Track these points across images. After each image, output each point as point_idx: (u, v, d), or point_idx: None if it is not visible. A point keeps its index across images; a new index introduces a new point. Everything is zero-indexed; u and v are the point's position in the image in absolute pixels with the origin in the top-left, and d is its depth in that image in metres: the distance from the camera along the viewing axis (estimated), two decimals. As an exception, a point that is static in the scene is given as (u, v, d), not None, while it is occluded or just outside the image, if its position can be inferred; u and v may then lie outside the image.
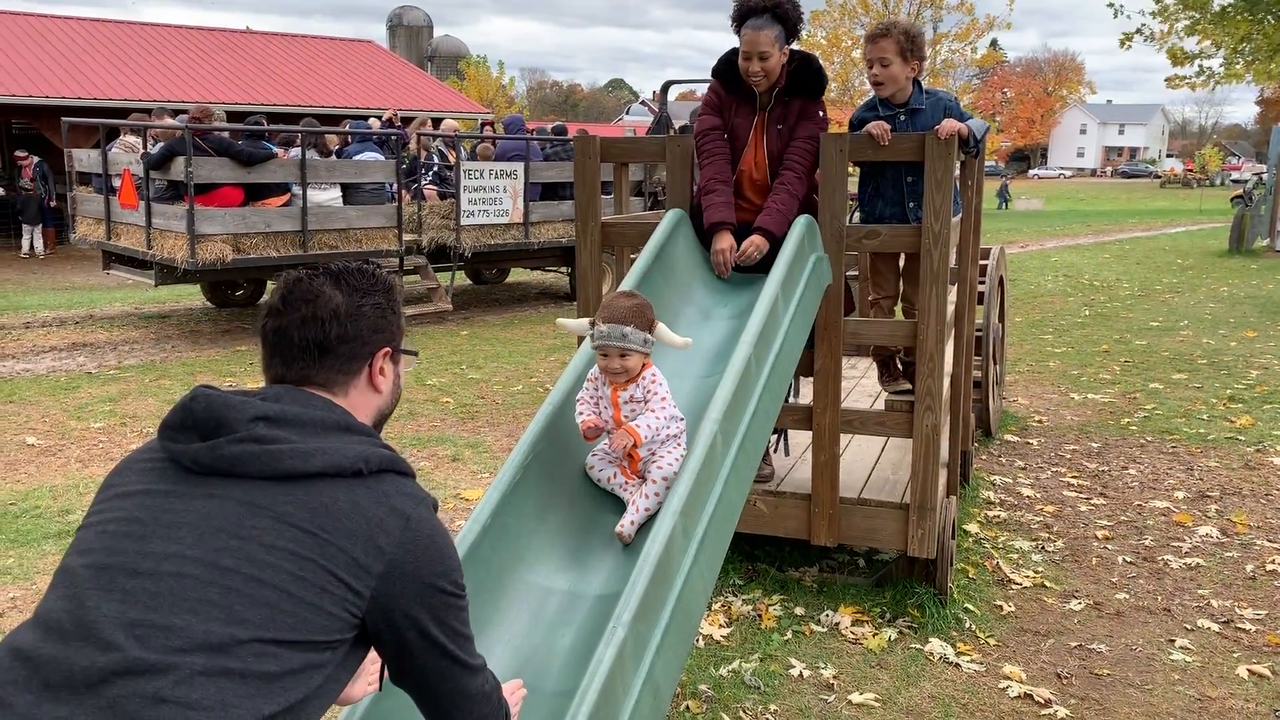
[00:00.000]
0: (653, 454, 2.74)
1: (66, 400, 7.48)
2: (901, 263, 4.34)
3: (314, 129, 10.67)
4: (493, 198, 11.29)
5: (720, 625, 3.94)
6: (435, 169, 11.86)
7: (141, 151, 9.69)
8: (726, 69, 3.82)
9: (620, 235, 4.23)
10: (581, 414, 2.80)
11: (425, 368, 8.82)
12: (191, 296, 12.90)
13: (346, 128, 12.00)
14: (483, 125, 15.05)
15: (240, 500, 1.49)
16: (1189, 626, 4.01)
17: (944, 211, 3.74)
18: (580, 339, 3.07)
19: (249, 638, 1.40)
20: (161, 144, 9.52)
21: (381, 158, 10.88)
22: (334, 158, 10.69)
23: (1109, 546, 4.83)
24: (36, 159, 18.13)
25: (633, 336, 2.66)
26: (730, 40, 3.83)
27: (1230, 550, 4.77)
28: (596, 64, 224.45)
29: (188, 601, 1.41)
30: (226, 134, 9.79)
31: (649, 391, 2.73)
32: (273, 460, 1.51)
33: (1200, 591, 4.32)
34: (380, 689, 1.79)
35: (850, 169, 4.01)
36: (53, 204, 18.22)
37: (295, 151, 10.11)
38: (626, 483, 2.77)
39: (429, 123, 13.81)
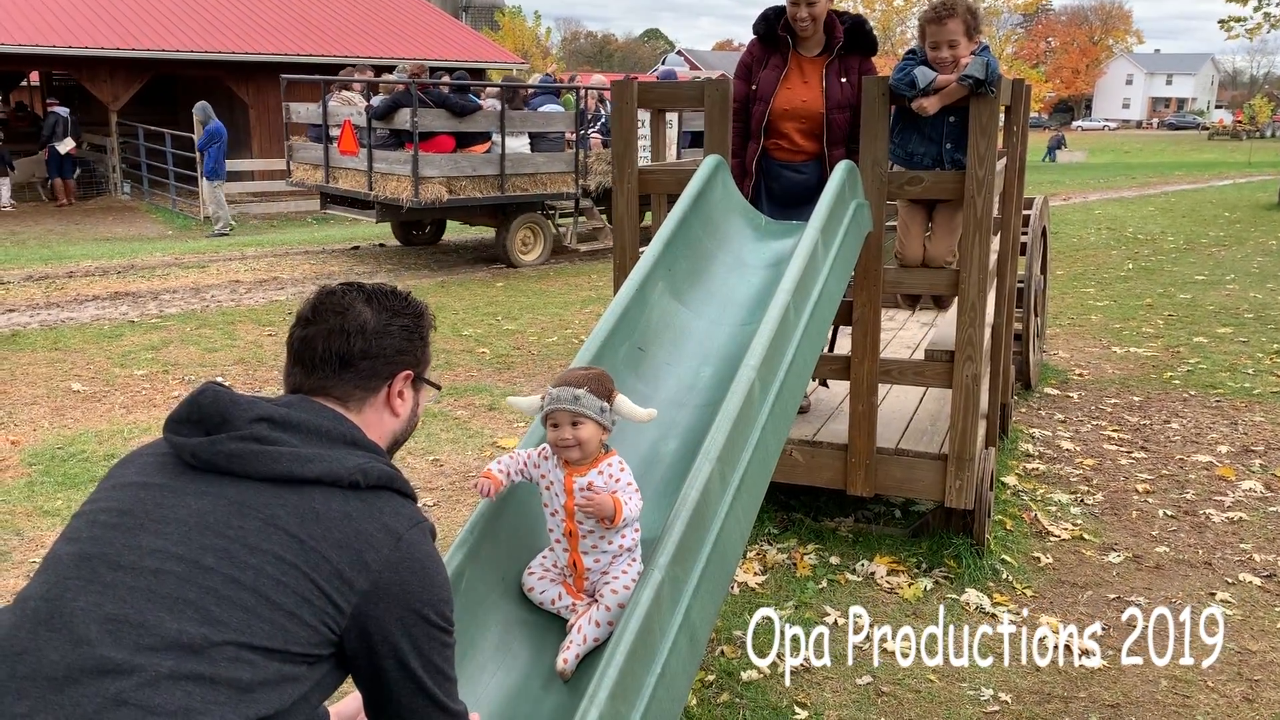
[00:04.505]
0: (605, 573, 2.29)
1: (110, 348, 7.60)
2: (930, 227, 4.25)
3: (513, 83, 12.45)
4: (650, 145, 11.74)
5: (755, 573, 3.96)
6: (603, 120, 12.49)
7: (365, 104, 11.03)
8: (763, 25, 4.25)
9: (657, 182, 4.19)
10: (497, 466, 2.33)
11: (461, 318, 8.85)
12: (230, 248, 13.02)
13: (535, 82, 13.37)
14: (627, 78, 15.58)
15: (232, 499, 1.47)
16: (1230, 580, 3.96)
17: (988, 157, 3.67)
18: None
19: (222, 640, 1.36)
20: (386, 96, 10.80)
21: (561, 109, 11.97)
22: (524, 110, 11.79)
23: (1149, 500, 4.78)
24: (56, 110, 18.05)
25: (586, 401, 2.21)
26: None
27: (1274, 505, 4.71)
28: (630, 13, 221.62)
29: (165, 599, 1.38)
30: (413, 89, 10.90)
31: (613, 479, 2.24)
32: (270, 461, 1.49)
33: (1242, 545, 4.27)
34: None
35: None
36: (75, 152, 18.14)
37: (491, 103, 11.42)
38: (574, 603, 2.30)
39: (577, 77, 15.38)
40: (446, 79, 11.69)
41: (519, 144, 11.40)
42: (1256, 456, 5.36)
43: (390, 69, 12.67)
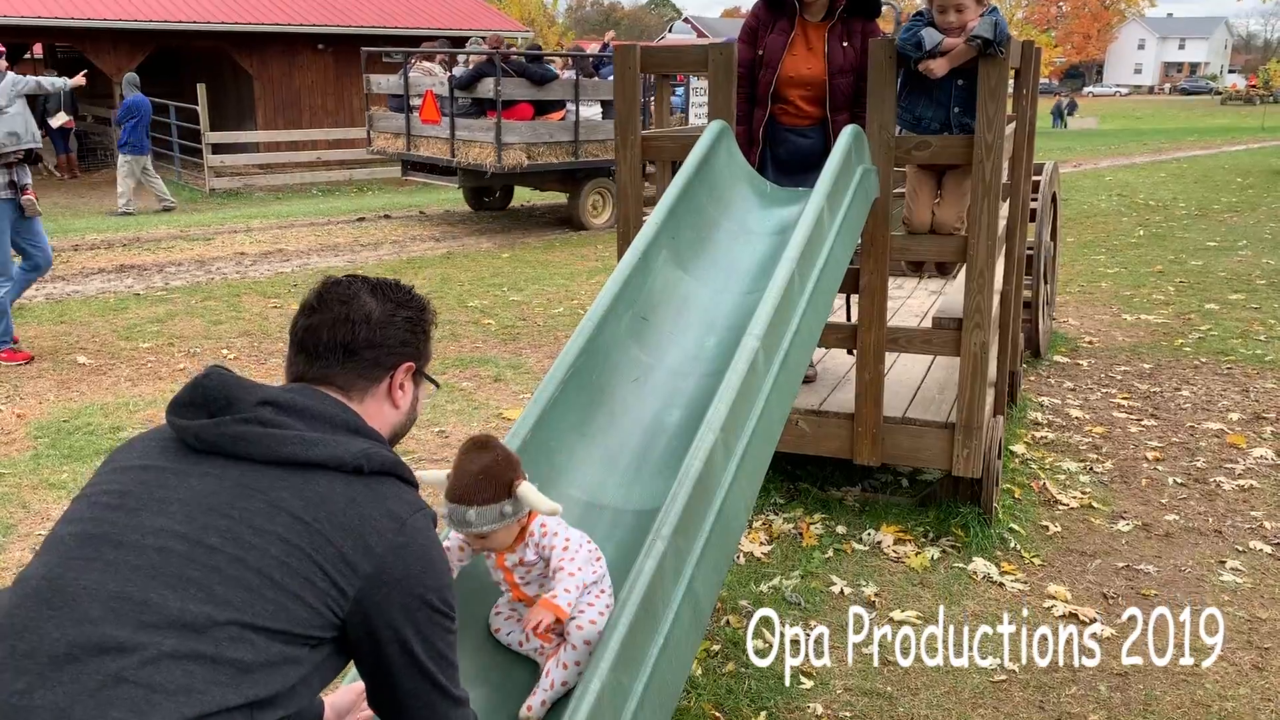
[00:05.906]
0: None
1: (115, 321, 7.59)
2: (940, 193, 4.18)
3: (582, 53, 12.80)
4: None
5: (761, 543, 3.94)
6: None
7: (448, 74, 11.62)
8: None
9: (661, 149, 4.14)
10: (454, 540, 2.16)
11: (467, 289, 8.82)
12: (235, 220, 12.98)
13: (608, 50, 13.74)
14: (684, 45, 15.98)
15: (236, 481, 1.47)
16: (1240, 548, 3.94)
17: (997, 121, 3.61)
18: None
19: (226, 619, 1.36)
20: (470, 67, 11.41)
21: None
22: (596, 78, 12.26)
23: (1159, 468, 4.74)
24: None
25: (479, 520, 1.97)
26: None
27: (1285, 472, 4.67)
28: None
29: (168, 577, 1.37)
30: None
31: (544, 547, 2.08)
32: (274, 444, 1.49)
33: (1253, 513, 4.24)
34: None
35: None
36: (70, 125, 17.98)
37: (567, 73, 11.95)
38: (542, 646, 2.13)
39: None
40: (513, 48, 12.19)
41: (592, 111, 11.91)
42: (1268, 424, 5.31)
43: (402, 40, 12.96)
